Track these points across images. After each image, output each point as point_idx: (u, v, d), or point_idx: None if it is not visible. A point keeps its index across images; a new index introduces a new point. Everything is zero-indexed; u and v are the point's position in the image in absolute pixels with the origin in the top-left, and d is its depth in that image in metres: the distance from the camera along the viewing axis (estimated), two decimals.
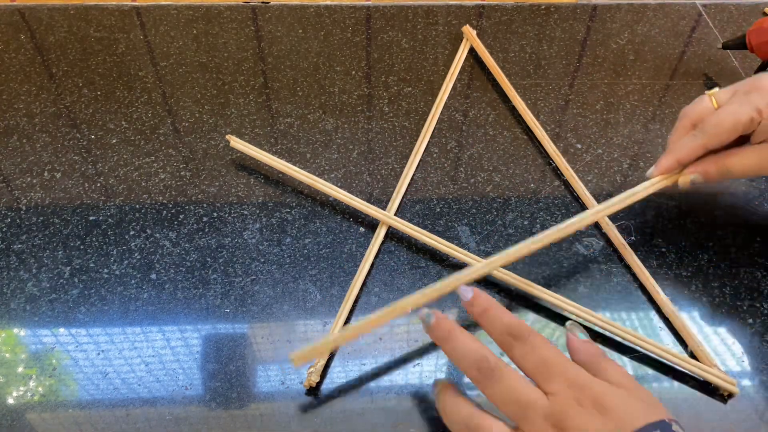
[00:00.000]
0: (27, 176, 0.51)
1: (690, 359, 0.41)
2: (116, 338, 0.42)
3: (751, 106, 0.41)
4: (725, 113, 0.42)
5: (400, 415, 0.39)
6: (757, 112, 0.41)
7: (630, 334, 0.42)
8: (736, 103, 0.42)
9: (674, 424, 0.31)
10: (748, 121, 0.41)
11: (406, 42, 0.64)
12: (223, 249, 0.47)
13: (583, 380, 0.32)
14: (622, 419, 0.31)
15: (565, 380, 0.32)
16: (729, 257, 0.47)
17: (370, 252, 0.46)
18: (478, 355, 0.33)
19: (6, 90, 0.58)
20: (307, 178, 0.50)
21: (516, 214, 0.50)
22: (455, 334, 0.35)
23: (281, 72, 0.61)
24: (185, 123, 0.56)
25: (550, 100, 0.59)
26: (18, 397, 0.39)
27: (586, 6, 0.70)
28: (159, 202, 0.50)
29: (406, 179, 0.51)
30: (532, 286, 0.44)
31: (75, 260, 0.46)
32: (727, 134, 0.42)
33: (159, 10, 0.67)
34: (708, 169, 0.43)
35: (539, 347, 0.33)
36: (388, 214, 0.48)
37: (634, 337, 0.42)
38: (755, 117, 0.41)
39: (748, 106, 0.41)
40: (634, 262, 0.46)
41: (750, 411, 0.40)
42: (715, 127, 0.42)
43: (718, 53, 0.64)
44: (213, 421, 0.39)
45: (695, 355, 0.42)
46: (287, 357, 0.38)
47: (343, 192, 0.49)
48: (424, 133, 0.54)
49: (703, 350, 0.41)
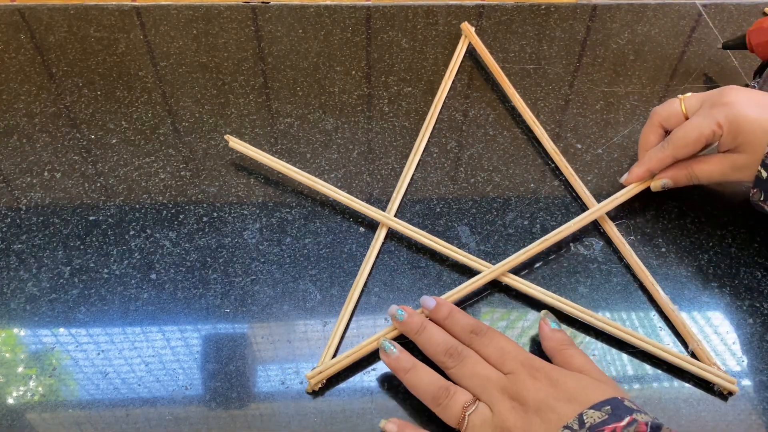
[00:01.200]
0: (27, 176, 0.51)
1: (690, 358, 0.41)
2: (116, 338, 0.42)
3: (713, 120, 0.45)
4: (690, 127, 0.46)
5: (400, 415, 0.39)
6: (718, 126, 0.45)
7: (631, 334, 0.42)
8: (701, 116, 0.46)
9: (626, 401, 0.34)
10: (711, 134, 0.45)
11: (406, 42, 0.64)
12: (223, 249, 0.47)
13: (538, 363, 0.37)
14: (574, 394, 0.35)
15: (520, 362, 0.37)
16: (729, 257, 0.47)
17: (370, 254, 0.46)
18: (448, 344, 0.39)
19: (6, 90, 0.58)
20: (306, 178, 0.50)
21: (516, 214, 0.50)
22: (427, 326, 0.40)
23: (281, 72, 0.61)
24: (185, 123, 0.56)
25: (550, 100, 0.59)
26: (18, 397, 0.39)
27: (586, 6, 0.70)
28: (159, 202, 0.50)
29: (405, 179, 0.51)
30: (533, 288, 0.44)
31: (75, 260, 0.46)
32: (692, 146, 0.46)
33: (159, 10, 0.67)
34: (677, 176, 0.48)
35: (497, 339, 0.39)
36: (388, 215, 0.48)
37: (634, 337, 0.42)
38: (716, 130, 0.45)
39: (710, 119, 0.45)
40: (635, 262, 0.46)
41: (750, 410, 0.40)
42: (681, 139, 0.46)
43: (718, 53, 0.64)
44: (213, 421, 0.39)
45: (695, 354, 0.42)
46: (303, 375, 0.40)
47: (342, 193, 0.49)
48: (424, 132, 0.54)
49: (703, 349, 0.41)
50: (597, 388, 0.35)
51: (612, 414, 0.32)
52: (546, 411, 0.34)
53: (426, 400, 0.38)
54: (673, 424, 0.39)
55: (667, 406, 0.40)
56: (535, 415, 0.34)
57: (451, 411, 0.36)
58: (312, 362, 0.41)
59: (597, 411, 0.33)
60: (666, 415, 0.39)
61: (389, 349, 0.39)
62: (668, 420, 0.39)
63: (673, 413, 0.39)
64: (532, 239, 0.48)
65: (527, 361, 0.37)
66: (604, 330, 0.42)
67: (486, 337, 0.39)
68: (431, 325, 0.40)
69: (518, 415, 0.35)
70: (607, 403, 0.33)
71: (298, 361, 0.41)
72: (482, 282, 0.44)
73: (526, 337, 0.43)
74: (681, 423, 0.39)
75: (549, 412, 0.34)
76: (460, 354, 0.38)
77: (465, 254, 0.46)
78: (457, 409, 0.36)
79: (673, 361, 0.41)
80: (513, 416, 0.35)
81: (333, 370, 0.40)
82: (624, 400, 0.34)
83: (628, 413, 0.32)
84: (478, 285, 0.44)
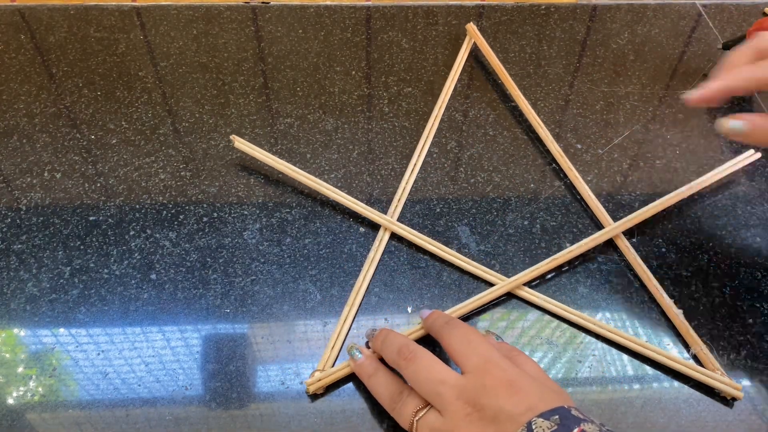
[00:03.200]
0: (27, 176, 0.51)
1: (694, 365, 0.41)
2: (116, 338, 0.42)
3: None
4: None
5: None
6: None
7: (634, 342, 0.42)
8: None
9: (573, 410, 0.32)
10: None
11: (406, 42, 0.64)
12: (223, 249, 0.47)
13: (498, 359, 0.35)
14: (532, 400, 0.33)
15: (482, 356, 0.35)
16: (729, 257, 0.47)
17: (372, 259, 0.46)
18: (401, 344, 0.37)
19: (6, 90, 0.58)
20: (313, 182, 0.49)
21: (516, 214, 0.50)
22: (388, 335, 0.39)
23: (281, 72, 0.61)
24: (185, 123, 0.56)
25: (550, 100, 0.59)
26: (18, 397, 0.39)
27: (586, 6, 0.70)
28: (159, 202, 0.50)
29: (408, 184, 0.51)
30: (543, 299, 0.44)
31: (75, 260, 0.46)
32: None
33: (159, 10, 0.67)
34: (760, 124, 0.39)
35: (462, 328, 0.37)
36: (391, 219, 0.48)
37: (637, 344, 0.42)
38: None
39: None
40: (638, 265, 0.46)
41: (750, 410, 0.40)
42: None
43: (718, 53, 0.64)
44: (213, 421, 0.39)
45: (698, 358, 0.42)
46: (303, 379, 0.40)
47: (352, 199, 0.49)
48: (427, 135, 0.54)
49: (706, 354, 0.41)
50: (551, 396, 0.33)
51: (561, 425, 0.31)
52: (504, 421, 0.32)
53: (384, 404, 0.37)
54: (674, 425, 0.39)
55: (667, 406, 0.40)
56: (491, 423, 0.32)
57: (403, 417, 0.35)
58: (312, 362, 0.41)
59: (546, 420, 0.31)
60: (666, 415, 0.39)
61: (355, 355, 0.39)
62: (668, 420, 0.39)
63: (673, 413, 0.39)
64: (532, 239, 0.48)
65: (489, 357, 0.35)
66: (608, 338, 0.42)
67: (448, 327, 0.37)
68: (391, 333, 0.39)
69: (472, 424, 0.33)
70: (555, 412, 0.32)
71: (298, 362, 0.41)
72: (493, 296, 0.44)
73: (527, 337, 0.43)
74: (681, 423, 0.39)
75: (506, 421, 0.32)
76: (413, 353, 0.36)
77: (470, 261, 0.46)
78: (408, 415, 0.35)
79: (678, 368, 0.41)
80: (466, 424, 0.33)
81: (331, 378, 0.40)
82: (571, 410, 0.32)
83: (576, 424, 0.31)
84: (489, 299, 0.44)
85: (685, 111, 0.58)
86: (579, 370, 0.41)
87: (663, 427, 0.39)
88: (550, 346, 0.42)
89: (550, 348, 0.42)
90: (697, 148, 0.55)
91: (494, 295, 0.44)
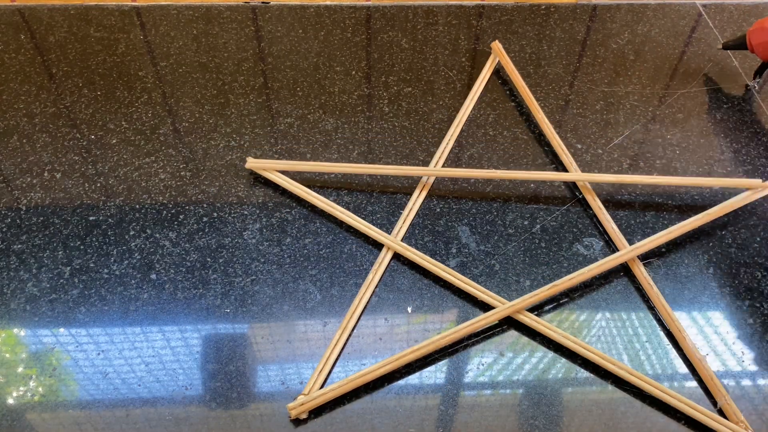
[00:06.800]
0: (27, 176, 0.51)
1: (718, 416, 0.39)
2: (116, 338, 0.42)
3: None
4: None
5: (400, 415, 0.39)
6: None
7: (657, 387, 0.40)
8: None
9: None
10: None
11: (406, 42, 0.64)
12: (223, 249, 0.47)
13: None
14: None
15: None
16: (729, 257, 0.47)
17: (372, 277, 0.45)
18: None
19: (6, 90, 0.58)
20: (328, 206, 0.49)
21: (516, 214, 0.50)
22: None
23: (281, 72, 0.61)
24: (185, 123, 0.56)
25: (550, 100, 0.59)
26: (18, 397, 0.39)
27: (586, 6, 0.70)
28: (159, 202, 0.50)
29: (415, 205, 0.50)
30: (547, 327, 0.43)
31: (75, 260, 0.46)
32: None
33: (159, 10, 0.67)
34: None
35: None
36: (396, 240, 0.47)
37: (660, 390, 0.39)
38: None
39: None
40: (653, 292, 0.45)
41: (751, 410, 0.40)
42: None
43: (718, 53, 0.64)
44: (213, 421, 0.39)
45: (723, 411, 0.39)
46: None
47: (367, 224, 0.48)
48: (439, 156, 0.53)
49: (730, 405, 0.39)
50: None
51: None
52: None
53: None
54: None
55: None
56: None
57: None
58: (312, 362, 0.41)
59: None
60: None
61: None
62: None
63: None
64: (532, 239, 0.48)
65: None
66: (623, 377, 0.40)
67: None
68: None
69: None
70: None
71: (298, 362, 0.41)
72: (494, 319, 0.43)
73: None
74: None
75: None
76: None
77: (473, 284, 0.44)
78: None
79: (700, 418, 0.38)
80: None
81: (315, 403, 0.38)
82: None
83: None
84: (490, 322, 0.43)
85: (685, 111, 0.58)
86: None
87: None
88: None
89: None
90: (697, 148, 0.55)
91: (493, 319, 0.42)
